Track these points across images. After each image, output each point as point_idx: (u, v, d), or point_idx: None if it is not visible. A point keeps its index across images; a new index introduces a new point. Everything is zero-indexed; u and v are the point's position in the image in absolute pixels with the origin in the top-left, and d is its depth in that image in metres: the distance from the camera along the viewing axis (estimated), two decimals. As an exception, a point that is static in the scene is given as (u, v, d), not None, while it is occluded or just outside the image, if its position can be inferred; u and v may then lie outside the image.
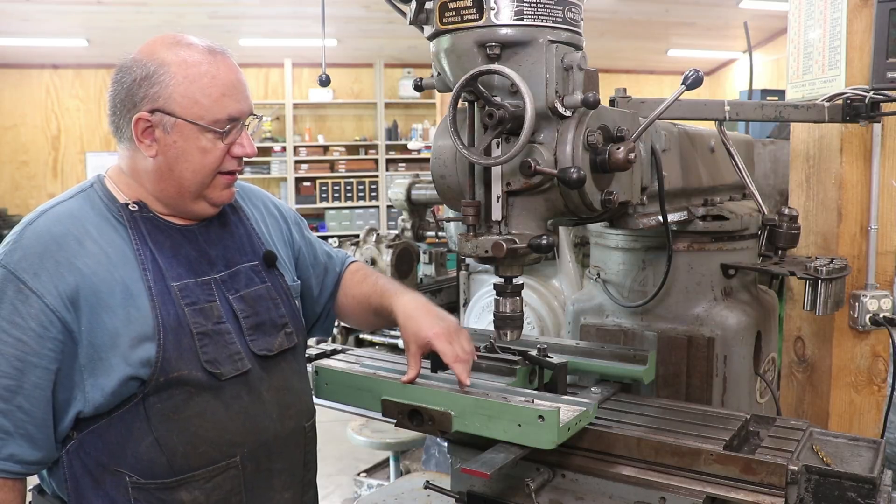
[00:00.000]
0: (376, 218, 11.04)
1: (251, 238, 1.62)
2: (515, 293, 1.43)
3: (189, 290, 1.44)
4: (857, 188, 2.24)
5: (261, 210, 1.72)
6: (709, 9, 8.57)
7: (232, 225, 1.61)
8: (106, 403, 1.35)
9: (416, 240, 4.01)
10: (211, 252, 1.53)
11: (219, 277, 1.51)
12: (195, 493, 1.40)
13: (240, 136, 1.48)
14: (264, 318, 1.54)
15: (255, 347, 1.50)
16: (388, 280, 1.77)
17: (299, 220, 1.82)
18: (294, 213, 1.82)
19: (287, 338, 1.57)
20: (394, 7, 1.44)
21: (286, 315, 1.59)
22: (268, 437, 1.51)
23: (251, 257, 1.59)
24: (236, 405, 1.46)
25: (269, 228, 1.70)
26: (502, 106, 1.27)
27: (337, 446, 5.12)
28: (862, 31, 2.16)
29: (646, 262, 1.88)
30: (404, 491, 2.48)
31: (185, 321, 1.40)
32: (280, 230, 1.73)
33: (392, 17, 1.70)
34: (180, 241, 1.49)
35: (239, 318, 1.50)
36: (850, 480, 1.26)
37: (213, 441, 1.42)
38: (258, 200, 1.74)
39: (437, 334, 1.49)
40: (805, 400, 2.41)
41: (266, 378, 1.52)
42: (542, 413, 1.28)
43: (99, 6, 7.81)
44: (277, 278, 1.61)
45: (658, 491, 1.33)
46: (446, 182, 1.52)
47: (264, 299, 1.55)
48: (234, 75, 1.47)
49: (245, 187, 1.75)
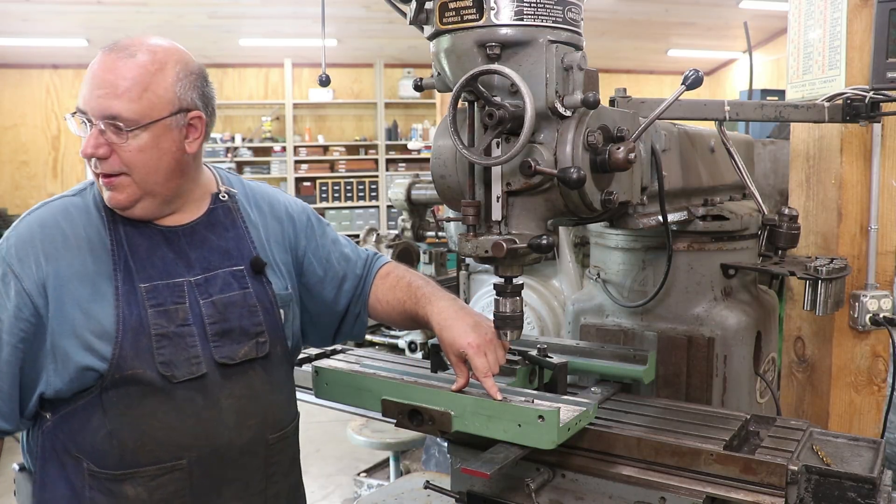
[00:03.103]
0: (376, 218, 11.05)
1: (242, 242, 1.61)
2: (515, 293, 1.43)
3: (157, 291, 1.46)
4: (857, 188, 2.24)
5: (264, 213, 1.69)
6: (709, 9, 8.58)
7: (222, 227, 1.60)
8: (66, 389, 1.42)
9: (416, 240, 4.01)
10: (192, 254, 1.53)
11: (193, 280, 1.51)
12: (139, 488, 1.44)
13: (87, 134, 1.42)
14: (234, 325, 1.52)
15: (216, 354, 1.49)
16: (423, 281, 1.71)
17: (314, 224, 1.77)
18: (308, 217, 1.77)
19: (257, 347, 1.55)
20: (394, 7, 1.44)
21: (263, 324, 1.56)
22: (220, 445, 1.50)
23: (236, 262, 1.57)
24: (189, 409, 1.46)
25: (267, 233, 1.67)
26: (502, 106, 1.27)
27: (337, 446, 5.13)
28: (862, 31, 2.16)
29: (646, 262, 1.88)
30: (404, 491, 2.48)
31: (146, 322, 1.43)
32: (282, 235, 1.70)
33: (392, 17, 1.70)
34: (159, 242, 1.51)
35: (205, 323, 1.49)
36: (850, 480, 1.26)
37: (161, 441, 1.45)
38: (265, 202, 1.71)
39: (470, 344, 1.46)
40: (805, 400, 2.41)
41: (226, 385, 1.51)
42: (542, 413, 1.28)
43: (99, 6, 7.81)
44: (263, 285, 1.59)
45: (658, 491, 1.33)
46: (446, 182, 1.52)
47: (238, 306, 1.53)
48: (99, 70, 1.41)
49: (254, 188, 1.73)
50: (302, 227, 1.74)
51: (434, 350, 1.76)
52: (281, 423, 1.62)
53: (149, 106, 1.41)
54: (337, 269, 1.75)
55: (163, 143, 1.45)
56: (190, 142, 1.50)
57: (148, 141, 1.42)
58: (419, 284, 1.68)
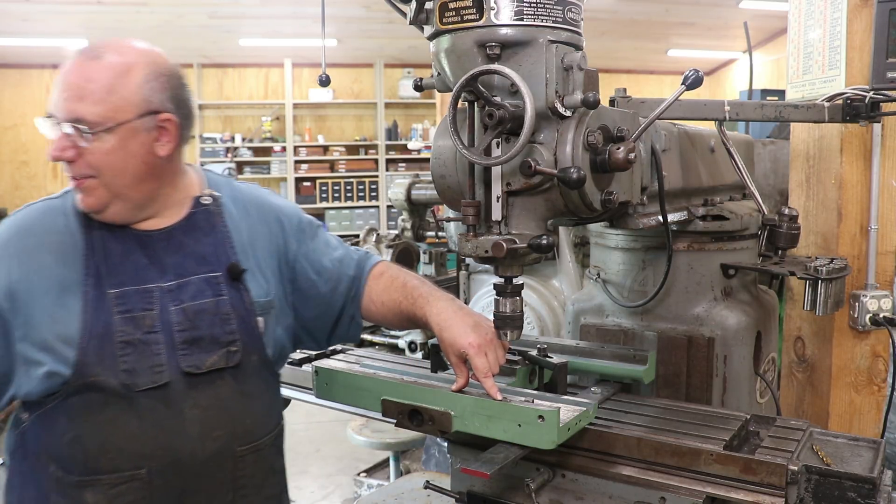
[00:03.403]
0: (376, 218, 11.05)
1: (221, 247, 1.57)
2: (515, 293, 1.43)
3: (127, 297, 1.45)
4: (857, 188, 2.24)
5: (251, 216, 1.65)
6: (709, 9, 8.58)
7: (201, 232, 1.56)
8: (34, 393, 1.43)
9: (416, 240, 4.01)
10: (167, 260, 1.51)
11: (165, 286, 1.48)
12: (98, 496, 1.42)
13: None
14: (204, 334, 1.49)
15: (183, 362, 1.46)
16: (419, 280, 1.68)
17: (305, 227, 1.73)
18: (300, 220, 1.74)
19: (228, 356, 1.51)
20: (394, 7, 1.44)
21: (236, 332, 1.52)
22: (183, 456, 1.46)
23: (213, 267, 1.54)
24: (150, 418, 1.44)
25: (253, 237, 1.63)
26: (502, 106, 1.27)
27: (337, 446, 5.13)
28: (862, 31, 2.16)
29: (646, 262, 1.88)
30: (404, 491, 2.48)
31: (112, 328, 1.42)
32: (270, 239, 1.66)
33: (392, 17, 1.70)
34: (133, 247, 1.50)
35: (173, 331, 1.46)
36: (850, 480, 1.26)
37: (121, 449, 1.43)
38: (253, 206, 1.67)
39: (471, 344, 1.44)
40: (805, 400, 2.41)
41: (191, 395, 1.47)
42: (542, 413, 1.28)
43: (99, 6, 7.81)
44: (239, 292, 1.55)
45: (658, 491, 1.33)
46: (446, 182, 1.52)
47: (209, 313, 1.50)
48: (67, 73, 1.41)
49: (243, 191, 1.70)
50: (293, 230, 1.70)
51: (434, 350, 1.76)
52: (253, 435, 1.57)
53: (113, 108, 1.39)
54: (330, 272, 1.71)
55: (130, 146, 1.42)
56: (161, 145, 1.47)
57: (114, 143, 1.40)
58: (415, 284, 1.66)
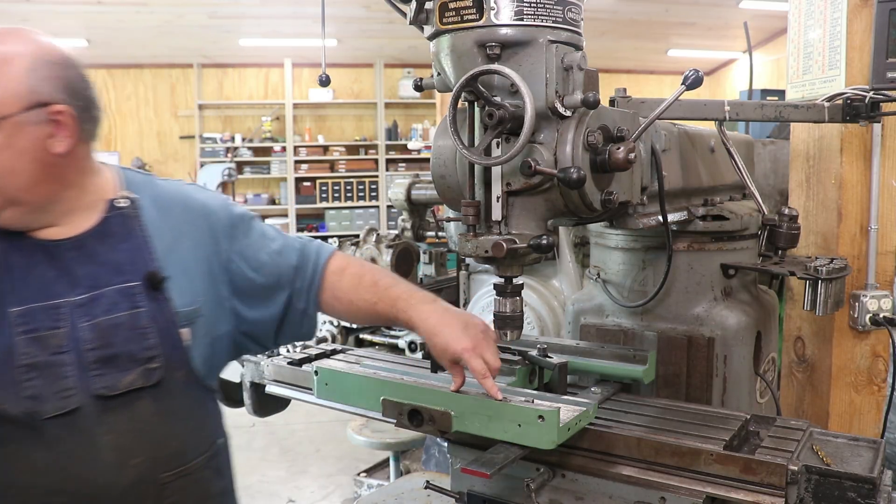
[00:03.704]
0: (376, 218, 11.05)
1: (139, 254, 1.41)
2: (515, 293, 1.43)
3: (31, 315, 1.31)
4: (857, 188, 2.24)
5: (174, 217, 1.50)
6: (709, 9, 8.58)
7: (116, 238, 1.41)
8: None
9: (416, 240, 4.01)
10: (78, 271, 1.37)
11: (76, 301, 1.34)
12: None
13: None
14: (119, 351, 1.35)
15: (95, 384, 1.33)
16: (390, 278, 1.59)
17: (237, 222, 1.58)
18: (230, 215, 1.58)
19: (146, 374, 1.37)
20: (394, 7, 1.44)
21: (156, 347, 1.38)
22: (98, 487, 1.32)
23: (129, 277, 1.39)
24: (59, 448, 1.31)
25: (177, 240, 1.48)
26: (502, 106, 1.27)
27: (337, 446, 5.13)
28: (862, 31, 2.16)
29: (646, 262, 1.88)
30: (404, 491, 2.48)
31: (14, 351, 1.29)
32: (198, 241, 1.51)
33: (392, 17, 1.70)
34: (39, 259, 1.36)
35: (83, 350, 1.33)
36: (850, 480, 1.26)
37: (27, 486, 1.30)
38: (177, 205, 1.52)
39: (465, 349, 1.39)
40: (805, 400, 2.41)
41: (105, 420, 1.34)
42: (542, 413, 1.28)
43: (99, 6, 7.81)
44: (160, 303, 1.40)
45: (658, 491, 1.33)
46: (446, 182, 1.52)
47: (125, 328, 1.36)
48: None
49: (167, 189, 1.55)
50: (223, 227, 1.56)
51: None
52: (180, 459, 1.43)
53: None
54: (269, 267, 1.58)
55: (18, 143, 1.28)
56: (57, 141, 1.31)
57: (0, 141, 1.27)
58: (388, 283, 1.56)
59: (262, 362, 2.01)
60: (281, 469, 4.95)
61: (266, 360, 2.01)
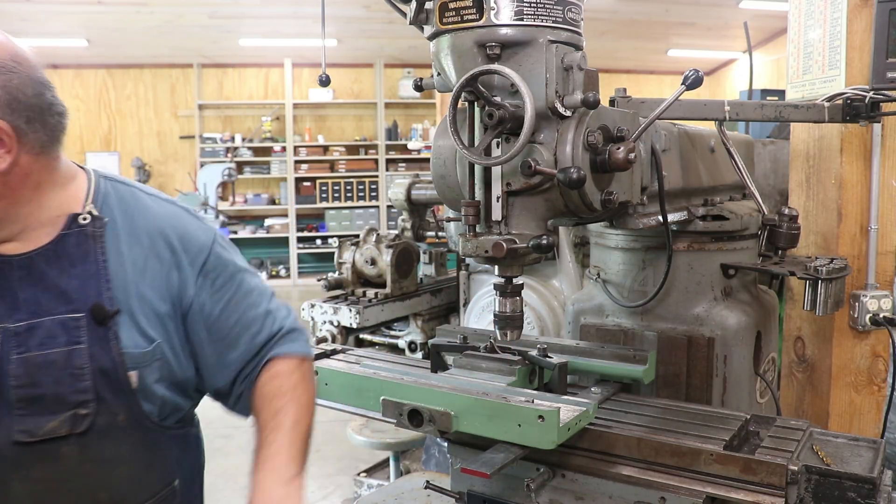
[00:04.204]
0: (376, 218, 11.06)
1: (90, 281, 1.26)
2: (515, 293, 1.43)
3: None
4: (857, 188, 2.24)
5: (142, 244, 1.33)
6: (709, 9, 8.58)
7: (69, 261, 1.26)
8: None
9: (416, 240, 4.01)
10: (21, 293, 1.23)
11: (13, 328, 1.21)
12: None
13: None
14: (45, 392, 1.21)
15: (16, 426, 1.20)
16: (288, 422, 1.37)
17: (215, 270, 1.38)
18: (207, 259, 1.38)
19: (73, 421, 1.22)
20: (394, 7, 1.44)
21: (90, 391, 1.23)
22: None
23: (75, 306, 1.24)
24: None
25: (141, 270, 1.31)
26: (502, 106, 1.27)
27: (337, 446, 5.13)
28: (862, 31, 2.16)
29: (646, 262, 1.88)
30: (404, 491, 2.48)
31: None
32: (164, 276, 1.33)
33: (392, 17, 1.70)
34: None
35: (9, 386, 1.20)
36: (850, 480, 1.26)
37: None
38: (153, 230, 1.35)
39: None
40: (805, 400, 2.41)
41: (22, 466, 1.21)
42: (542, 413, 1.28)
43: (99, 6, 7.81)
44: (107, 341, 1.25)
45: (658, 491, 1.33)
46: (446, 182, 1.52)
47: (57, 367, 1.21)
48: None
49: (142, 212, 1.36)
50: (193, 271, 1.36)
51: (434, 350, 1.76)
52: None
53: None
54: (227, 333, 1.39)
55: None
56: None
57: None
58: (273, 426, 1.36)
59: (262, 362, 2.01)
60: (281, 469, 4.93)
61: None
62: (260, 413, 1.39)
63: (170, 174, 11.15)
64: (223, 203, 10.44)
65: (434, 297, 3.55)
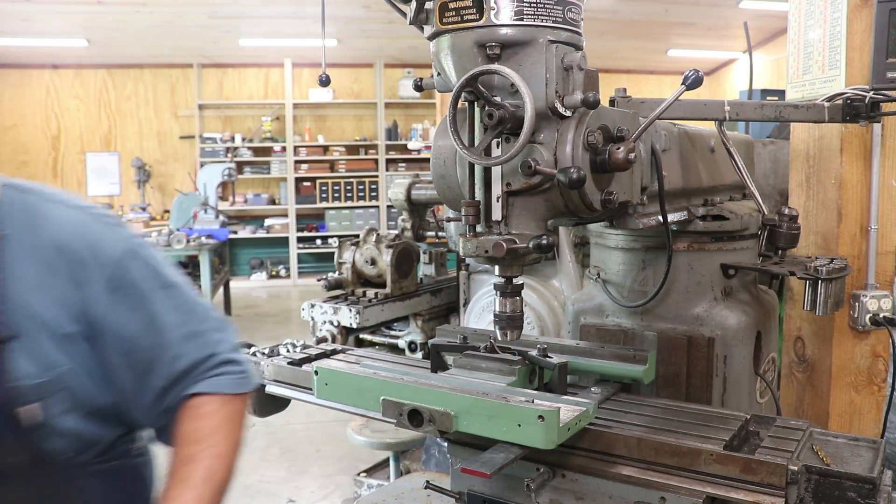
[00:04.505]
0: (376, 218, 11.07)
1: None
2: (516, 293, 1.43)
3: None
4: (857, 188, 2.24)
5: (49, 261, 1.19)
6: (709, 9, 8.59)
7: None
8: None
9: (416, 240, 4.01)
10: None
11: None
12: None
13: None
14: None
15: None
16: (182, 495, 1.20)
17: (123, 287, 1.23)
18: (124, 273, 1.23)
19: None
20: (394, 7, 1.44)
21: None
22: None
23: None
24: None
25: (44, 291, 1.17)
26: (502, 106, 1.27)
27: (337, 446, 5.14)
28: (862, 31, 2.16)
29: (646, 262, 1.88)
30: (404, 491, 2.48)
31: None
32: (68, 292, 1.19)
33: (392, 17, 1.70)
34: None
35: None
36: (850, 480, 1.26)
37: None
38: (61, 246, 1.20)
39: None
40: (805, 400, 2.41)
41: None
42: (542, 413, 1.28)
43: (99, 6, 7.81)
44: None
45: (658, 491, 1.33)
46: (446, 182, 1.52)
47: None
48: None
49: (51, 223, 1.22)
50: (102, 286, 1.21)
51: (434, 350, 1.76)
52: None
53: None
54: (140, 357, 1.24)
55: None
56: None
57: None
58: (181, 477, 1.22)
59: (262, 362, 2.01)
60: (281, 469, 4.95)
61: (266, 360, 2.01)
62: (173, 456, 1.25)
63: (170, 174, 11.16)
64: (223, 203, 10.44)
65: (434, 297, 3.55)
